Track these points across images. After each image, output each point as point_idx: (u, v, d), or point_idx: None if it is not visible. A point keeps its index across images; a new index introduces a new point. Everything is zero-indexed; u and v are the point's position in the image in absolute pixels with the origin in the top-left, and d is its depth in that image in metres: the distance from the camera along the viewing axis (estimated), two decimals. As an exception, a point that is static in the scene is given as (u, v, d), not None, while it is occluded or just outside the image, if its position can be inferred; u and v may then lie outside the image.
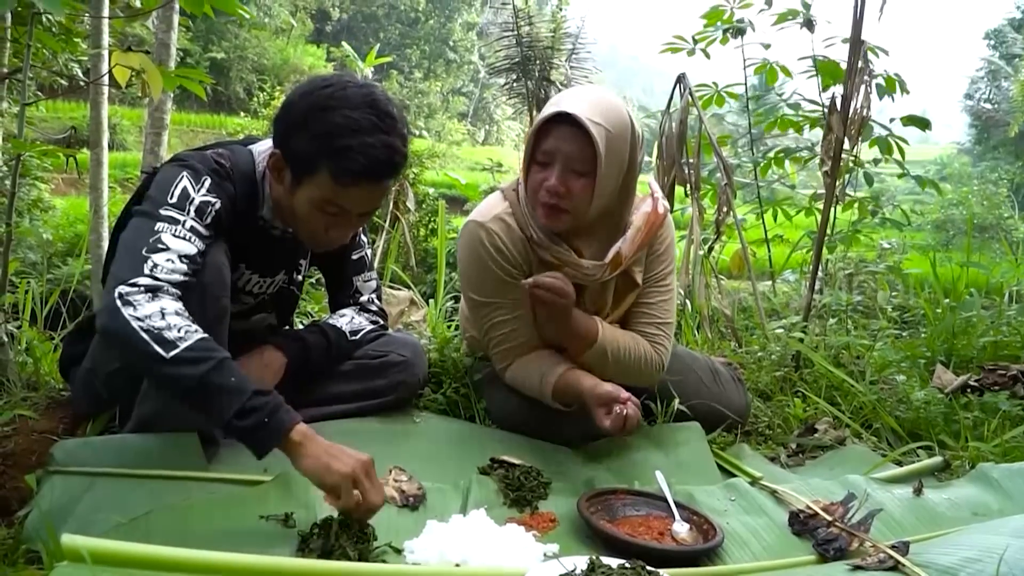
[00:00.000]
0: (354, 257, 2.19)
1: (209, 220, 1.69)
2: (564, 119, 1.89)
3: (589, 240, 2.10)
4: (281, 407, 1.49)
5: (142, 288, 1.52)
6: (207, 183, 1.71)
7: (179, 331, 1.48)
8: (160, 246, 1.59)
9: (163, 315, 1.49)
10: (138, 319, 1.47)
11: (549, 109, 1.93)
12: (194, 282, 1.61)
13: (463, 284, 2.18)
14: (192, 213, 1.66)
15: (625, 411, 1.87)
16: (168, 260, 1.58)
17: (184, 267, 1.59)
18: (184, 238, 1.62)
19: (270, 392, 1.50)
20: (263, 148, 1.87)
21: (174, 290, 1.55)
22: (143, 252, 1.57)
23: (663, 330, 2.21)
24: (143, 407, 1.71)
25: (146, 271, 1.54)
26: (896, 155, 3.82)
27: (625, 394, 1.90)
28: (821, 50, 3.76)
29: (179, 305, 1.54)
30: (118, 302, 1.49)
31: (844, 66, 3.17)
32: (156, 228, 1.61)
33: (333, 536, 1.44)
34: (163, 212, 1.64)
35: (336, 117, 1.65)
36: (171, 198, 1.66)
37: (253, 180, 1.84)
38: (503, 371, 2.18)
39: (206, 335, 1.51)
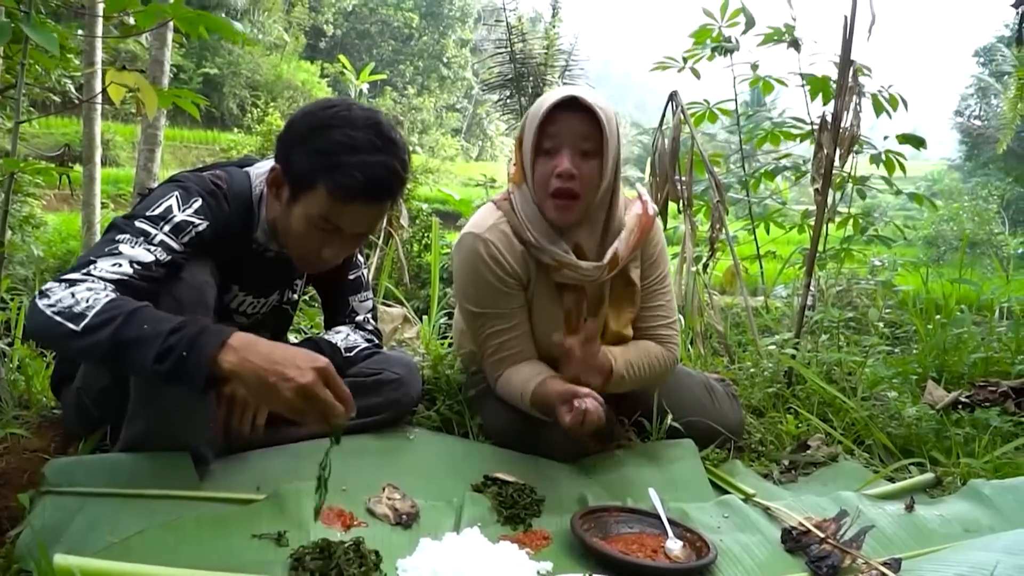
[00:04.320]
0: (351, 277, 2.20)
1: (186, 239, 1.68)
2: (566, 106, 1.96)
3: (587, 239, 2.14)
4: (200, 335, 1.43)
5: (63, 282, 1.51)
6: (196, 204, 1.71)
7: (87, 302, 1.45)
8: (113, 252, 1.58)
9: (73, 295, 1.47)
10: (50, 306, 1.46)
11: (550, 99, 1.98)
12: (144, 287, 1.58)
13: (459, 296, 2.20)
14: (167, 229, 1.65)
15: (584, 405, 1.83)
16: (114, 264, 1.56)
17: (129, 270, 1.57)
18: (144, 248, 1.61)
19: (185, 324, 1.44)
20: (260, 171, 1.88)
21: (101, 281, 1.52)
22: (92, 257, 1.57)
23: (672, 327, 2.29)
24: (131, 427, 1.70)
25: (82, 271, 1.53)
26: (896, 172, 3.85)
27: (584, 390, 1.89)
28: (807, 69, 3.80)
29: (96, 285, 1.50)
30: (36, 297, 1.49)
31: (834, 82, 3.21)
32: (117, 238, 1.60)
33: (334, 561, 1.43)
34: (137, 224, 1.64)
35: (337, 135, 1.67)
36: (151, 212, 1.66)
37: (249, 202, 1.85)
38: (495, 380, 2.19)
39: (116, 296, 1.48)
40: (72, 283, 1.50)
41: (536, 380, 2.05)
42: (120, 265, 1.56)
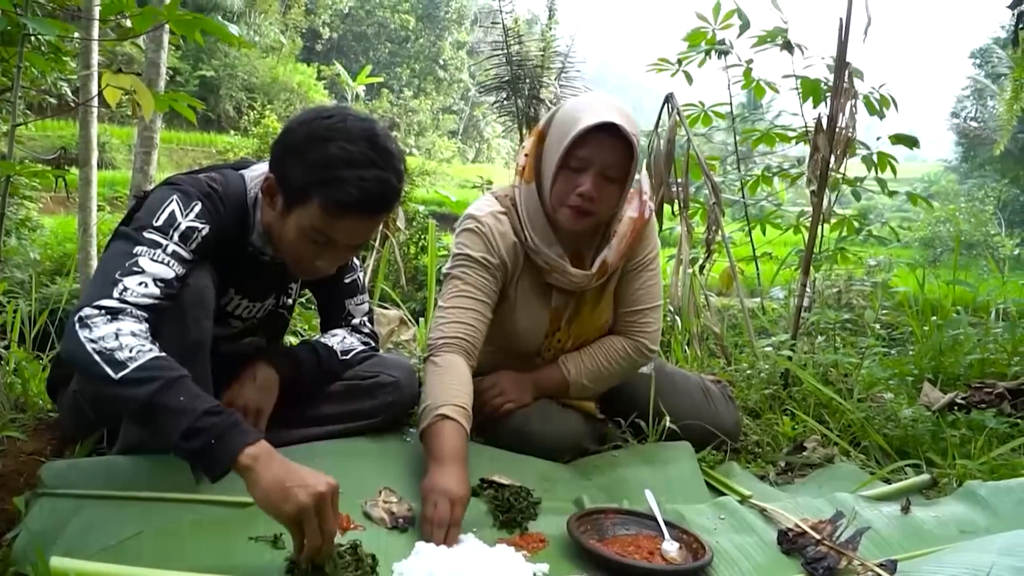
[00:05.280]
0: (347, 280, 2.19)
1: (194, 246, 1.68)
2: (602, 128, 1.95)
3: (587, 246, 2.19)
4: (233, 428, 1.42)
5: (103, 310, 1.50)
6: (197, 208, 1.70)
7: (130, 351, 1.45)
8: (135, 269, 1.57)
9: (117, 336, 1.46)
10: (91, 340, 1.45)
11: (587, 119, 1.95)
12: (168, 306, 1.59)
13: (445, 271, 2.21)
14: (176, 238, 1.65)
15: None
16: (140, 284, 1.56)
17: (156, 291, 1.57)
18: (163, 262, 1.61)
19: (221, 412, 1.44)
20: (255, 174, 1.87)
21: (140, 312, 1.53)
22: (116, 275, 1.56)
23: (646, 314, 2.29)
24: (128, 431, 1.70)
25: (115, 294, 1.53)
26: (887, 172, 3.85)
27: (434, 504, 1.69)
28: (801, 71, 3.79)
29: (140, 326, 1.51)
30: (76, 324, 1.48)
31: (826, 85, 3.21)
32: (135, 252, 1.60)
33: (329, 563, 1.43)
34: (146, 235, 1.63)
35: (333, 148, 1.64)
36: (157, 221, 1.65)
37: (244, 206, 1.83)
38: (431, 352, 2.08)
39: (161, 355, 1.47)
40: (112, 315, 1.50)
41: (430, 416, 1.89)
42: (146, 285, 1.56)
